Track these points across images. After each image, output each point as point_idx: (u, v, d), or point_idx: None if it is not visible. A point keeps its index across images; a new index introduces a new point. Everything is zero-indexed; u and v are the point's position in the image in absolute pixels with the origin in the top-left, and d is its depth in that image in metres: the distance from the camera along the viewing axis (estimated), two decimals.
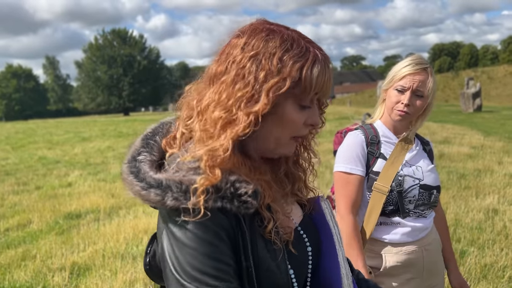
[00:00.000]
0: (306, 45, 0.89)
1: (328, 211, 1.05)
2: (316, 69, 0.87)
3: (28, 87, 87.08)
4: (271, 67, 0.85)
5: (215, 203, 0.81)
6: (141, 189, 0.84)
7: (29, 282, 3.99)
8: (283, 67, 0.85)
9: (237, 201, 0.83)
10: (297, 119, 0.90)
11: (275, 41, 0.87)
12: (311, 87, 0.87)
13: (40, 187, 8.47)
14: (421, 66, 1.73)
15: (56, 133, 21.56)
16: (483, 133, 13.41)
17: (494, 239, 4.57)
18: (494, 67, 58.72)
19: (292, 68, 0.85)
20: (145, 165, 0.89)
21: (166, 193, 0.82)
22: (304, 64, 0.86)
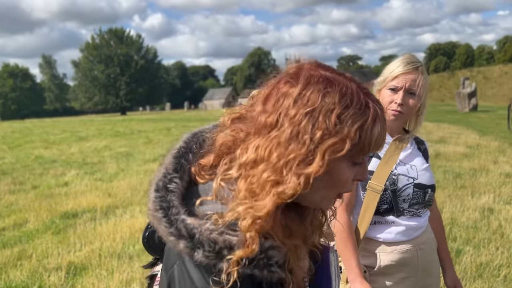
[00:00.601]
0: (365, 100, 0.80)
1: (334, 263, 1.01)
2: (376, 129, 0.79)
3: (24, 87, 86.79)
4: (329, 126, 0.76)
5: (245, 270, 0.76)
6: (170, 234, 0.78)
7: (25, 282, 3.98)
8: (342, 127, 0.76)
9: (268, 271, 0.78)
10: (348, 178, 0.82)
11: (334, 95, 0.78)
12: (370, 147, 0.80)
13: (37, 187, 8.45)
14: (412, 65, 1.74)
15: (52, 132, 21.50)
16: (478, 133, 13.47)
17: (489, 238, 4.60)
18: (490, 67, 58.98)
19: (351, 128, 0.77)
20: (177, 199, 0.81)
21: (197, 247, 0.76)
22: (364, 124, 0.78)
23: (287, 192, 0.76)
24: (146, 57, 71.28)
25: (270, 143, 0.77)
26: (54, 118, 43.06)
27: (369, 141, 0.79)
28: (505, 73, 49.73)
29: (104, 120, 31.55)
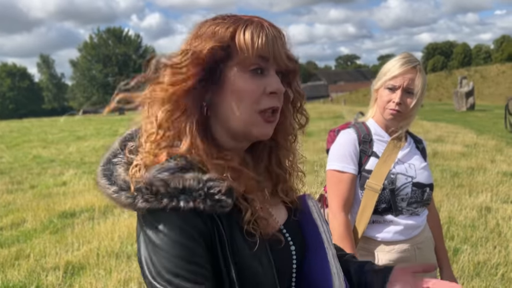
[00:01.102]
0: (243, 17, 0.89)
1: (315, 209, 1.02)
2: (249, 31, 0.85)
3: (22, 86, 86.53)
4: (205, 38, 0.86)
5: (187, 203, 0.79)
6: (113, 192, 0.83)
7: (23, 282, 3.97)
8: (214, 38, 0.85)
9: (210, 201, 0.80)
10: (249, 87, 0.86)
11: (210, 21, 0.89)
12: (251, 48, 0.85)
13: (35, 186, 8.43)
14: (410, 64, 1.75)
15: (51, 132, 21.44)
16: (476, 132, 13.48)
17: (487, 237, 4.61)
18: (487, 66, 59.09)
19: (224, 34, 0.85)
20: (120, 167, 0.87)
21: (136, 196, 0.80)
22: (236, 29, 0.86)
23: (163, 104, 0.84)
24: (144, 57, 71.16)
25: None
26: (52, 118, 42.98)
27: (244, 43, 0.84)
28: (502, 72, 49.83)
29: (102, 119, 31.47)
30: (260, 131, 0.89)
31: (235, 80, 0.86)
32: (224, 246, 0.82)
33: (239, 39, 0.85)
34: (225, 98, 0.87)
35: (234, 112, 0.87)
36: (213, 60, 0.85)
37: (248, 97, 0.87)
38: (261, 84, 0.87)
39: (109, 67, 67.39)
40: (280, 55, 0.88)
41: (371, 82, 1.93)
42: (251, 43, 0.85)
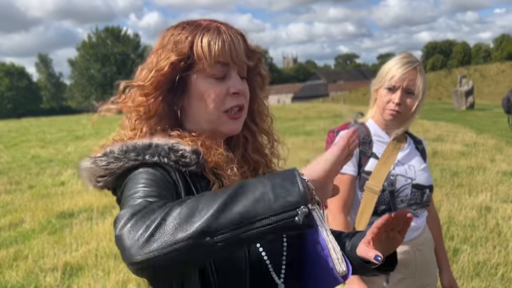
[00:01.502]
0: (202, 23, 0.95)
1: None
2: (205, 40, 0.92)
3: (21, 86, 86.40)
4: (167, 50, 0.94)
5: (152, 157, 0.86)
6: (91, 163, 0.89)
7: (21, 283, 3.96)
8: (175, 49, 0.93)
9: (174, 156, 0.87)
10: (213, 90, 0.94)
11: (173, 31, 0.96)
12: (208, 56, 0.92)
13: (33, 186, 8.41)
14: (410, 64, 1.73)
15: (49, 131, 21.41)
16: (475, 131, 13.48)
17: (487, 237, 4.60)
18: (487, 65, 59.13)
19: (183, 45, 0.93)
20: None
21: (109, 156, 0.87)
22: (193, 39, 0.93)
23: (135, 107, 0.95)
24: (143, 56, 71.09)
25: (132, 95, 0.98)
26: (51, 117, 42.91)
27: (202, 50, 0.92)
28: (502, 71, 49.87)
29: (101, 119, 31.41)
30: (228, 128, 0.97)
31: (199, 86, 0.95)
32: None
33: (197, 49, 0.92)
34: (193, 103, 0.96)
35: (202, 114, 0.96)
36: (175, 72, 0.93)
37: (213, 100, 0.95)
38: (223, 86, 0.95)
39: (108, 67, 67.30)
40: (238, 57, 0.95)
41: (371, 81, 1.92)
42: (208, 51, 0.92)
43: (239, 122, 0.99)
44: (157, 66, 0.93)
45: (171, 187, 0.85)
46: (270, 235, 0.71)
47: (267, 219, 0.70)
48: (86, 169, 0.91)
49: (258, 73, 1.04)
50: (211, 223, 0.69)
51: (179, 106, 0.98)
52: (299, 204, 0.71)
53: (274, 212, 0.70)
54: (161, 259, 0.69)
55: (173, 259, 0.69)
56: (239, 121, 0.99)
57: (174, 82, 0.95)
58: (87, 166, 0.91)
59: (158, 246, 0.69)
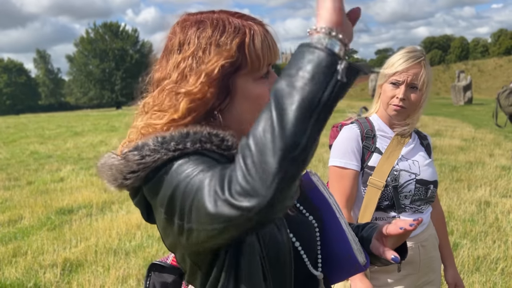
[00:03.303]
0: (238, 21, 0.91)
1: (320, 183, 1.06)
2: (257, 42, 0.89)
3: (19, 81, 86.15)
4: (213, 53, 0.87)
5: (193, 144, 0.80)
6: (120, 159, 0.83)
7: (20, 279, 3.95)
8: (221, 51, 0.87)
9: (216, 139, 0.82)
10: (259, 92, 0.91)
11: (207, 30, 0.89)
12: (260, 59, 0.89)
13: (32, 182, 8.39)
14: (414, 59, 1.71)
15: (48, 127, 21.36)
16: (474, 126, 13.49)
17: (486, 231, 4.60)
18: (485, 60, 59.13)
19: (231, 47, 0.87)
20: None
21: (143, 149, 0.80)
22: (242, 40, 0.88)
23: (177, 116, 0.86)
24: (141, 52, 70.83)
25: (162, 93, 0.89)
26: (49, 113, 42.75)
27: (255, 54, 0.88)
28: (500, 66, 49.85)
29: (99, 115, 31.37)
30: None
31: (247, 88, 0.90)
32: None
33: (249, 51, 0.88)
34: (238, 105, 0.91)
35: (248, 115, 0.90)
36: (224, 76, 0.88)
37: (262, 100, 0.90)
38: (268, 85, 0.92)
39: (106, 62, 66.97)
40: (277, 54, 0.94)
41: (369, 77, 1.90)
42: (262, 53, 0.89)
43: None
44: (206, 70, 0.86)
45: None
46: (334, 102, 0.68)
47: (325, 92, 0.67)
48: (113, 166, 0.84)
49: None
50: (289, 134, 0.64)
51: (218, 109, 0.91)
52: (334, 66, 0.68)
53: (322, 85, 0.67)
54: (286, 176, 0.64)
55: (297, 164, 0.65)
56: None
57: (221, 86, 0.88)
58: (113, 162, 0.85)
59: (274, 167, 0.64)
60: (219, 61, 0.86)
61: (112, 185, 0.86)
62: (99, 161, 0.90)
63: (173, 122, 0.86)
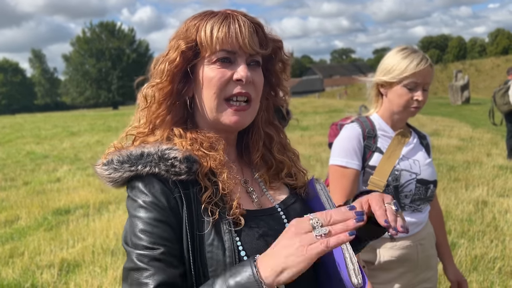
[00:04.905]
0: (211, 11, 0.95)
1: (323, 192, 1.03)
2: (209, 26, 0.91)
3: (15, 81, 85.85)
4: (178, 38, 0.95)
5: (144, 167, 0.88)
6: (98, 169, 0.93)
7: (17, 280, 3.93)
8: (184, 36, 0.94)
9: (164, 165, 0.88)
10: (215, 74, 0.92)
11: (185, 21, 0.97)
12: (211, 44, 0.91)
13: (28, 183, 8.36)
14: (426, 61, 1.72)
15: (44, 127, 21.29)
16: (471, 125, 13.53)
17: (484, 231, 4.61)
18: (482, 59, 59.32)
19: (191, 33, 0.93)
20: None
21: (109, 166, 0.91)
22: (199, 25, 0.93)
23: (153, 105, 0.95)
24: (138, 51, 70.68)
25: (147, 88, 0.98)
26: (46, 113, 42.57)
27: (205, 36, 0.91)
28: (497, 66, 49.96)
29: (96, 114, 31.28)
30: (227, 119, 0.94)
31: (203, 71, 0.94)
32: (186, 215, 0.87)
33: (200, 35, 0.92)
34: (199, 91, 0.95)
35: (206, 101, 0.95)
36: (186, 61, 0.94)
37: (214, 85, 0.93)
38: (227, 71, 0.93)
39: (103, 62, 66.78)
40: (246, 44, 0.92)
41: (367, 76, 1.89)
42: (210, 37, 0.91)
43: (243, 115, 0.95)
44: (169, 58, 0.93)
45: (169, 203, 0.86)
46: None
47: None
48: (96, 173, 0.95)
49: (280, 60, 1.03)
50: None
51: (190, 96, 0.98)
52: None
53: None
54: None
55: None
56: (243, 114, 0.95)
57: (186, 72, 0.95)
58: (96, 170, 0.95)
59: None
60: (180, 47, 0.92)
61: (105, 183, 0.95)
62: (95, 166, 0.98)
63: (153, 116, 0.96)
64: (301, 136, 12.65)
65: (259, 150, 1.03)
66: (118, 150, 0.93)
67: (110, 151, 0.95)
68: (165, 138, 0.95)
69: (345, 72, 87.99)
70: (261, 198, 0.99)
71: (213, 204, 0.88)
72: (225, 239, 0.87)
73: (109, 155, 0.93)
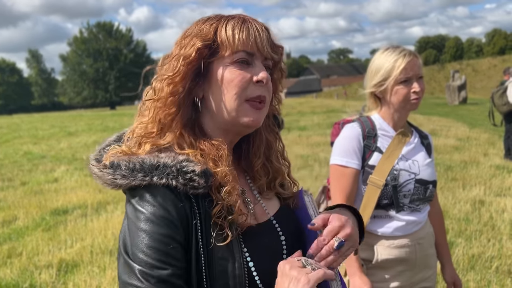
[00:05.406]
0: (226, 15, 0.96)
1: (310, 204, 1.04)
2: (230, 26, 0.91)
3: (11, 81, 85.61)
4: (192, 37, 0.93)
5: (160, 179, 0.84)
6: (98, 170, 0.88)
7: (15, 280, 3.92)
8: (200, 35, 0.92)
9: (183, 179, 0.84)
10: (236, 76, 0.91)
11: (194, 24, 0.96)
12: (232, 43, 0.90)
13: (26, 183, 8.34)
14: (409, 52, 1.75)
15: (41, 127, 21.23)
16: (468, 125, 13.57)
17: (481, 230, 4.63)
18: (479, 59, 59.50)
19: (208, 31, 0.92)
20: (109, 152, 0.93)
21: (115, 171, 0.86)
22: (218, 25, 0.92)
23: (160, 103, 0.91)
24: (135, 51, 70.56)
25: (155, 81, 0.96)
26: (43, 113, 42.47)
27: (226, 37, 0.91)
28: (494, 66, 50.14)
29: (93, 115, 31.23)
30: (248, 118, 0.92)
31: (222, 72, 0.92)
32: (197, 229, 0.85)
33: (220, 34, 0.91)
34: (215, 91, 0.93)
35: (224, 102, 0.92)
36: (201, 59, 0.91)
37: (235, 86, 0.91)
38: (247, 73, 0.92)
39: (100, 62, 66.60)
40: (263, 47, 0.93)
41: (364, 76, 1.90)
42: (232, 37, 0.91)
43: (261, 114, 0.94)
44: (184, 53, 0.91)
45: (179, 217, 0.84)
46: None
47: None
48: (94, 174, 0.91)
49: (280, 69, 1.02)
50: None
51: (200, 96, 0.95)
52: None
53: None
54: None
55: None
56: (261, 112, 0.94)
57: (200, 70, 0.93)
58: (94, 170, 0.90)
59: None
60: (196, 44, 0.91)
61: (98, 182, 0.92)
62: (90, 158, 0.94)
63: (160, 112, 0.91)
64: (299, 136, 12.66)
65: (261, 157, 1.02)
66: (126, 155, 0.88)
67: (113, 152, 0.90)
68: (176, 144, 0.91)
69: (343, 72, 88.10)
70: (256, 208, 0.98)
71: (223, 218, 0.87)
72: (235, 251, 0.87)
73: (113, 157, 0.88)
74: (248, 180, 1.02)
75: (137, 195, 0.85)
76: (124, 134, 0.98)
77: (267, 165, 1.03)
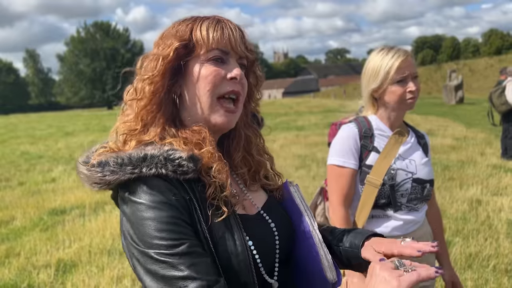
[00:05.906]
0: (201, 16, 1.00)
1: (297, 195, 1.06)
2: (204, 26, 0.96)
3: (8, 81, 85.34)
4: (169, 37, 0.97)
5: (149, 170, 0.86)
6: (87, 170, 0.89)
7: (14, 280, 3.92)
8: (176, 35, 0.96)
9: (171, 165, 0.87)
10: (209, 72, 0.95)
11: (173, 24, 1.00)
12: (207, 42, 0.95)
13: (23, 183, 8.32)
14: (403, 52, 1.75)
15: (38, 127, 21.18)
16: (465, 125, 13.62)
17: (478, 229, 4.65)
18: (476, 59, 59.70)
19: (184, 32, 0.96)
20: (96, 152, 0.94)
21: (104, 168, 0.87)
22: (193, 26, 0.97)
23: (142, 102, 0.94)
24: (133, 51, 70.41)
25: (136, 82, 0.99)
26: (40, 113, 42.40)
27: (201, 37, 0.95)
28: (491, 66, 50.30)
29: (90, 115, 31.18)
30: (218, 119, 0.96)
31: (197, 69, 0.96)
32: (196, 210, 0.87)
33: (196, 34, 0.96)
34: (190, 88, 0.97)
35: (198, 98, 0.96)
36: (178, 58, 0.95)
37: (209, 82, 0.95)
38: (221, 70, 0.96)
39: (97, 62, 66.49)
40: (237, 45, 0.97)
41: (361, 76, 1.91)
42: (207, 36, 0.95)
43: (233, 117, 0.98)
44: (162, 53, 0.95)
45: (177, 200, 0.85)
46: None
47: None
48: (82, 174, 0.91)
49: (254, 73, 1.05)
50: None
51: (177, 93, 0.98)
52: None
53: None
54: None
55: None
56: (233, 116, 0.98)
57: (177, 69, 0.96)
58: (82, 171, 0.91)
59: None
60: (174, 44, 0.95)
61: (86, 186, 0.92)
62: (77, 164, 0.95)
63: (143, 110, 0.94)
64: (296, 136, 12.68)
65: (240, 151, 1.06)
66: (113, 152, 0.90)
67: (101, 151, 0.92)
68: (159, 137, 0.94)
69: (340, 72, 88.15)
70: (244, 201, 1.00)
71: (218, 198, 0.90)
72: (234, 230, 0.89)
73: (101, 156, 0.89)
74: (233, 174, 1.04)
75: (130, 189, 0.86)
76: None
77: (248, 158, 1.07)
